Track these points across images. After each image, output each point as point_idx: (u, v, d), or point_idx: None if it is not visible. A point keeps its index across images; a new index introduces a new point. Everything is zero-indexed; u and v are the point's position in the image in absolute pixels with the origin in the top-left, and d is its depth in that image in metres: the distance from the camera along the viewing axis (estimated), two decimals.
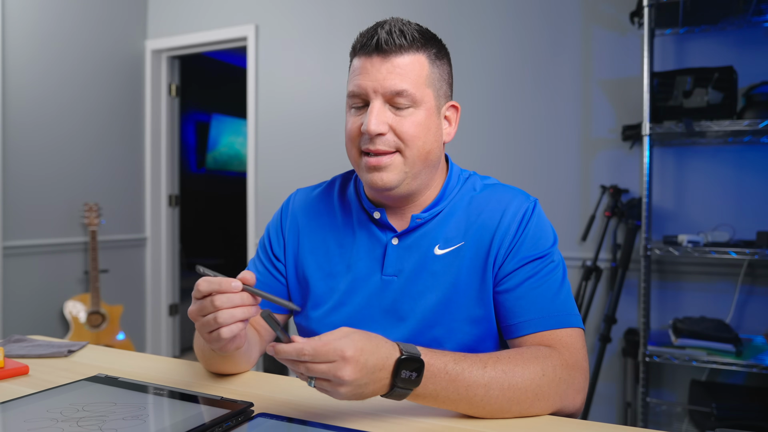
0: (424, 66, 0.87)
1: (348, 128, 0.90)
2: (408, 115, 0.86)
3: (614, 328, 2.29)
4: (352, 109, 0.89)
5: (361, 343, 0.66)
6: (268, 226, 1.06)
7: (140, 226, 3.52)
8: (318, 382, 0.67)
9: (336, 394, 0.67)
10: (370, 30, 0.87)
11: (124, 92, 3.38)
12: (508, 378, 0.74)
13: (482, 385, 0.72)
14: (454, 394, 0.72)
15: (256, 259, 1.05)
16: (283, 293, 1.02)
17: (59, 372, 0.94)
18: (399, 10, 2.77)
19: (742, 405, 1.90)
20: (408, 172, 0.88)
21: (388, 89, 0.84)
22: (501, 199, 0.92)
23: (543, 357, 0.78)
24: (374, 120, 0.84)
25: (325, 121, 3.00)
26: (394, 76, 0.84)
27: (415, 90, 0.85)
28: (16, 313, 2.81)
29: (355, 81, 0.87)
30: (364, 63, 0.87)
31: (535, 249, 0.88)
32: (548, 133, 2.50)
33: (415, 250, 0.92)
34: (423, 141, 0.87)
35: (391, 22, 0.87)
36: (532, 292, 0.86)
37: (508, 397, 0.74)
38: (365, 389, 0.67)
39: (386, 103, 0.86)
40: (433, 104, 0.89)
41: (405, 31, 0.85)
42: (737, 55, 2.15)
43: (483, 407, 0.73)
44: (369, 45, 0.86)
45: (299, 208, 1.03)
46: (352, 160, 0.92)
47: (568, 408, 0.79)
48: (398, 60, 0.85)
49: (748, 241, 2.05)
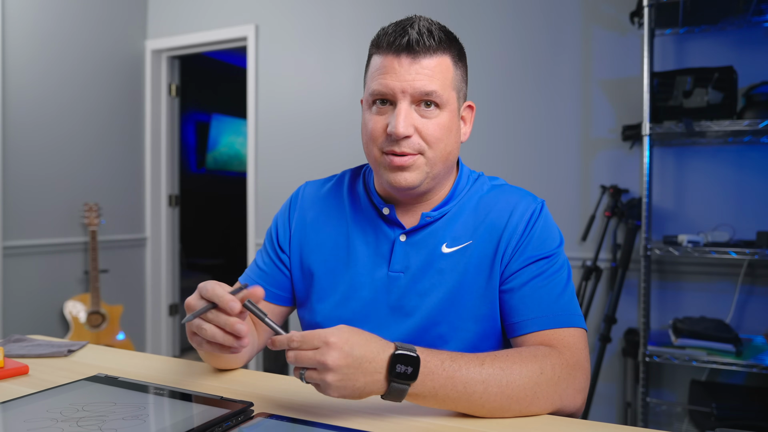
0: (449, 68, 0.87)
1: (370, 127, 0.88)
2: (433, 117, 0.86)
3: (614, 328, 2.29)
4: (374, 107, 0.88)
5: (347, 333, 0.69)
6: (276, 216, 1.07)
7: (140, 226, 3.52)
8: (308, 374, 0.68)
9: (325, 386, 0.68)
10: (398, 28, 0.85)
11: (124, 92, 3.38)
12: (506, 375, 0.74)
13: (480, 382, 0.72)
14: (452, 392, 0.71)
15: (263, 250, 1.06)
16: (287, 285, 1.03)
17: (59, 372, 0.94)
18: (399, 10, 2.77)
19: (742, 405, 1.90)
20: (429, 172, 0.88)
21: (418, 90, 0.84)
22: (509, 199, 0.93)
23: (542, 356, 0.78)
24: (402, 122, 0.83)
25: (325, 121, 3.00)
26: (423, 77, 0.84)
27: (443, 91, 0.85)
28: (16, 313, 2.81)
29: (381, 80, 0.85)
30: (391, 62, 0.85)
31: (541, 249, 0.89)
32: (548, 133, 2.50)
33: (422, 247, 0.92)
34: (445, 143, 0.88)
35: (419, 21, 0.86)
36: (536, 292, 0.87)
37: (507, 395, 0.74)
38: (355, 381, 0.68)
39: (412, 104, 0.85)
40: (456, 106, 0.89)
41: (433, 32, 0.85)
42: (737, 55, 2.15)
43: (482, 405, 0.73)
44: (398, 44, 0.84)
45: (308, 200, 1.04)
46: (372, 158, 0.91)
47: (568, 408, 0.79)
48: (426, 61, 0.84)
49: (748, 241, 2.05)
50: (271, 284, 1.02)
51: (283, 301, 1.03)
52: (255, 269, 1.04)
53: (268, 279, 1.02)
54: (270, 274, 1.02)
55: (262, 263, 1.04)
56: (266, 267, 1.03)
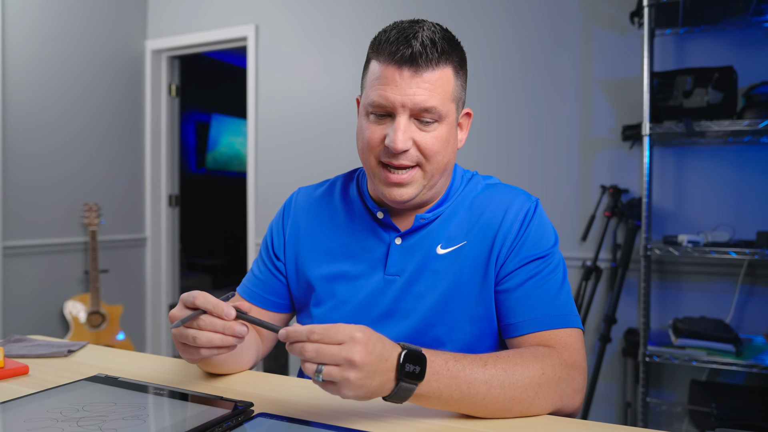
0: (450, 80, 0.85)
1: (367, 135, 0.87)
2: (432, 131, 0.85)
3: (614, 328, 2.29)
4: (371, 116, 0.87)
5: (368, 330, 0.66)
6: (271, 224, 1.07)
7: (140, 226, 3.52)
8: (327, 372, 0.63)
9: (345, 384, 0.63)
10: (401, 37, 0.82)
11: (124, 92, 3.38)
12: (508, 376, 0.74)
13: (483, 382, 0.72)
14: (456, 393, 0.71)
15: (259, 258, 1.06)
16: (284, 292, 1.02)
17: (59, 372, 0.94)
18: (399, 11, 2.77)
19: (742, 405, 1.90)
20: (426, 184, 0.88)
21: (418, 105, 0.82)
22: (503, 198, 0.93)
23: (542, 356, 0.78)
24: (401, 137, 0.82)
25: (325, 121, 3.00)
26: (424, 91, 0.82)
27: (442, 106, 0.84)
28: (16, 313, 2.81)
29: (380, 91, 0.83)
30: (392, 73, 0.82)
31: (536, 249, 0.89)
32: (548, 133, 2.49)
33: (417, 249, 0.92)
34: (443, 155, 0.87)
35: (423, 32, 0.82)
36: (532, 292, 0.87)
37: (510, 395, 0.73)
38: (372, 380, 0.64)
39: (411, 117, 0.84)
40: (454, 117, 0.89)
41: (437, 42, 0.82)
42: (737, 55, 2.15)
43: (485, 406, 0.73)
44: (400, 55, 0.81)
45: (301, 207, 1.04)
46: (369, 168, 0.90)
47: (567, 407, 0.79)
48: (428, 75, 0.82)
49: (748, 241, 2.05)
50: (268, 292, 1.02)
51: (281, 308, 1.03)
52: (252, 278, 1.04)
53: (265, 287, 1.02)
54: (267, 283, 1.02)
55: (258, 272, 1.04)
56: (263, 275, 1.03)
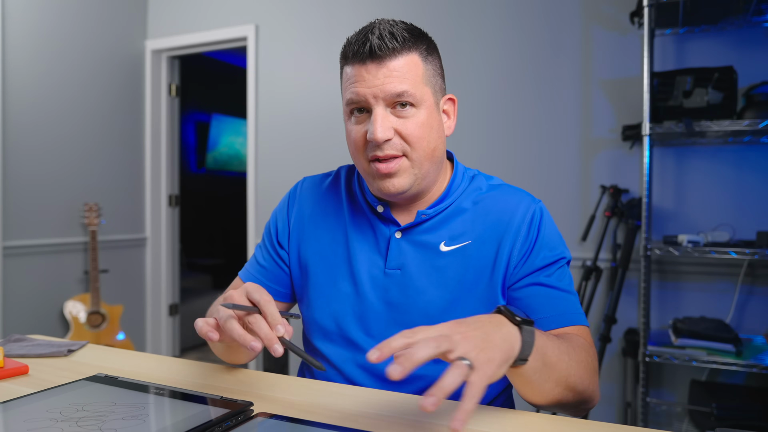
0: (418, 65, 0.87)
1: (353, 137, 0.89)
2: (411, 116, 0.86)
3: (614, 328, 2.29)
4: (353, 117, 0.89)
5: None
6: (275, 211, 1.07)
7: (140, 226, 3.52)
8: (464, 352, 0.58)
9: (485, 345, 0.60)
10: (360, 37, 0.86)
11: (124, 92, 3.38)
12: (574, 350, 0.77)
13: (565, 352, 0.74)
14: (554, 352, 0.71)
15: (262, 245, 1.06)
16: (287, 281, 1.03)
17: (59, 372, 0.94)
18: (399, 11, 2.77)
19: (742, 405, 1.90)
20: (417, 173, 0.89)
21: (389, 93, 0.84)
22: (509, 200, 0.94)
23: (576, 341, 0.81)
24: (380, 127, 0.84)
25: (325, 120, 2.99)
26: (392, 79, 0.84)
27: (415, 89, 0.85)
28: (16, 313, 2.81)
29: (351, 89, 0.86)
30: (359, 71, 0.85)
31: (549, 254, 0.90)
32: (548, 133, 2.49)
33: (419, 245, 0.93)
34: (427, 141, 0.88)
35: (379, 25, 0.86)
36: (547, 293, 0.89)
37: (584, 367, 0.77)
38: (493, 332, 0.63)
39: (387, 107, 0.86)
40: (432, 101, 0.89)
41: (395, 33, 0.85)
42: (737, 55, 2.15)
43: (568, 376, 0.74)
44: (362, 52, 0.84)
45: (306, 196, 1.05)
46: (361, 169, 0.92)
47: (595, 398, 0.82)
48: (393, 63, 0.84)
49: (748, 241, 2.05)
50: (271, 280, 1.02)
51: (283, 297, 1.03)
52: (255, 265, 1.05)
53: (268, 275, 1.03)
54: (270, 270, 1.03)
55: (261, 259, 1.04)
56: (266, 263, 1.03)
